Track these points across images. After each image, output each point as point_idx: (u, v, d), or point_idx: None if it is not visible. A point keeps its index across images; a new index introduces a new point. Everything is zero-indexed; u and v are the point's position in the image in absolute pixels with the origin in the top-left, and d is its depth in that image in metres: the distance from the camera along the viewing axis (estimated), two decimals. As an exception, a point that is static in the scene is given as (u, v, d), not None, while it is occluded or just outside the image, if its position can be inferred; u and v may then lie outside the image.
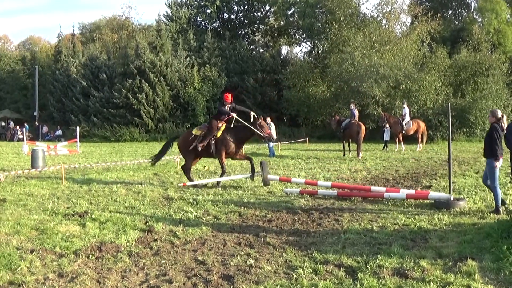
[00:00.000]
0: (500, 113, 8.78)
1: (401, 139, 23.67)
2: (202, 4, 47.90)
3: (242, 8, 49.32)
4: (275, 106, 40.39)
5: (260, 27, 50.85)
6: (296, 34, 48.70)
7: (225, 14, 50.06)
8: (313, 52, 46.25)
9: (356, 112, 22.12)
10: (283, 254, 6.41)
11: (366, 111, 31.00)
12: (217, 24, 50.31)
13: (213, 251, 6.64)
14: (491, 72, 32.66)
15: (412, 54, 32.99)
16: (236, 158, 13.56)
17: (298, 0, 43.33)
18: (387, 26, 37.02)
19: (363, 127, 21.18)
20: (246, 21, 50.01)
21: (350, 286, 5.20)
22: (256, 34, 51.37)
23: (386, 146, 24.40)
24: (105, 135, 39.55)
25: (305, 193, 11.04)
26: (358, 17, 38.18)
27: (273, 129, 22.65)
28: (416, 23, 36.37)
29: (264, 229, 7.87)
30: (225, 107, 12.90)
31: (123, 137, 39.03)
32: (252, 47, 48.80)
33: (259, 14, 50.05)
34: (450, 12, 46.96)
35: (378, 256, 6.10)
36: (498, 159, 8.52)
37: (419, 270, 5.60)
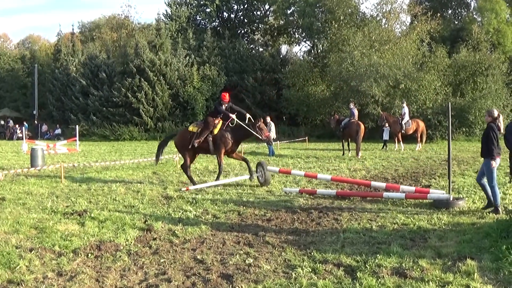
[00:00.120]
0: (497, 113, 8.79)
1: (401, 139, 23.66)
2: (202, 3, 47.82)
3: (242, 7, 49.29)
4: (275, 105, 40.37)
5: (260, 26, 50.82)
6: (296, 33, 48.67)
7: (225, 13, 50.01)
8: (313, 51, 46.22)
9: (356, 112, 22.12)
10: (282, 253, 6.42)
11: (366, 111, 31.02)
12: (217, 23, 50.26)
13: (212, 250, 6.64)
14: (491, 72, 32.64)
15: (412, 54, 33.00)
16: (233, 157, 13.55)
17: (298, -1, 43.35)
18: (387, 26, 37.00)
19: (363, 127, 21.17)
20: (246, 20, 49.99)
21: (349, 286, 5.20)
22: (256, 33, 51.35)
23: (386, 146, 24.41)
24: (105, 134, 39.50)
25: (305, 193, 11.04)
26: (358, 17, 38.20)
27: (273, 129, 22.73)
28: (416, 23, 36.37)
29: (263, 228, 7.87)
30: (222, 106, 12.90)
31: (123, 136, 39.01)
32: (252, 46, 48.78)
33: (259, 13, 50.03)
34: (450, 12, 46.93)
35: (377, 256, 6.10)
36: (495, 159, 8.53)
37: (418, 270, 5.60)
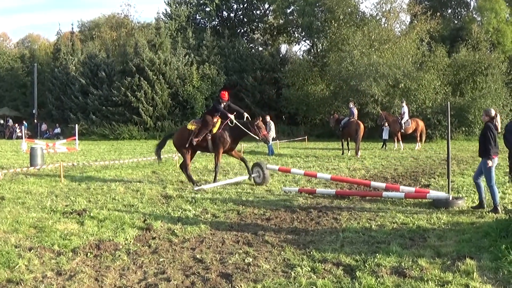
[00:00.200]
0: (494, 112, 8.79)
1: (400, 138, 23.66)
2: (201, 2, 47.86)
3: (241, 6, 49.34)
4: (274, 105, 40.37)
5: (259, 26, 50.88)
6: (295, 33, 48.72)
7: (224, 12, 50.07)
8: (312, 51, 46.23)
9: (355, 111, 22.12)
10: (282, 253, 6.41)
11: (365, 110, 31.03)
12: (216, 22, 50.29)
13: (212, 250, 6.64)
14: (490, 71, 32.64)
15: (411, 53, 33.01)
16: (232, 155, 13.57)
17: (297, -2, 43.33)
18: (386, 25, 37.04)
19: (362, 126, 21.15)
20: (245, 19, 50.03)
21: (349, 285, 5.19)
22: (255, 33, 51.39)
23: (385, 145, 24.41)
24: (104, 133, 39.52)
25: (304, 192, 11.03)
26: (357, 16, 38.21)
27: (272, 128, 22.71)
28: (416, 22, 36.39)
29: (263, 228, 7.87)
30: (221, 105, 12.89)
31: (122, 135, 39.02)
32: (251, 45, 48.82)
33: (258, 13, 50.09)
34: (450, 11, 46.98)
35: (377, 255, 6.10)
36: (491, 158, 8.52)
37: (418, 269, 5.60)
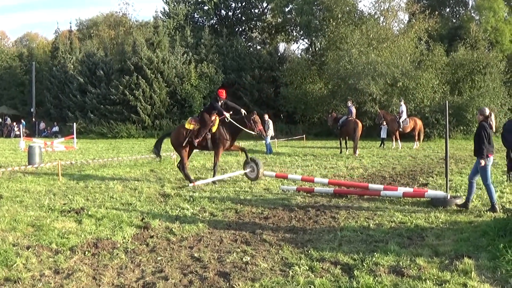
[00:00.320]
0: (488, 111, 8.80)
1: (398, 137, 23.67)
2: (200, 1, 47.84)
3: (240, 5, 49.29)
4: (272, 103, 40.37)
5: (258, 24, 50.86)
6: (294, 31, 48.69)
7: (223, 11, 50.03)
8: (311, 49, 46.25)
9: (353, 110, 22.10)
10: (280, 251, 6.41)
11: (363, 109, 31.03)
12: (215, 21, 50.26)
13: (209, 248, 6.64)
14: (488, 70, 32.64)
15: (410, 52, 33.02)
16: (231, 149, 13.80)
17: (296, -3, 43.30)
18: (385, 24, 37.06)
19: (360, 125, 21.16)
20: (244, 18, 49.99)
21: (346, 284, 5.19)
22: (254, 31, 51.36)
23: (383, 144, 24.43)
24: (102, 132, 39.49)
25: (302, 191, 11.03)
26: (356, 15, 38.22)
27: (271, 126, 22.71)
28: (414, 21, 36.39)
29: (261, 226, 7.87)
30: (218, 103, 12.92)
31: (120, 134, 39.00)
32: (250, 44, 48.76)
33: (257, 11, 50.08)
34: (448, 10, 46.99)
35: (375, 254, 6.10)
36: (486, 157, 8.52)
37: (416, 268, 5.60)
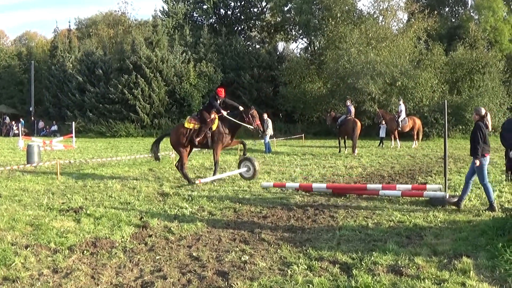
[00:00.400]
0: (484, 111, 8.83)
1: (397, 136, 23.69)
2: (199, 0, 47.78)
3: (239, 4, 49.26)
4: (271, 102, 40.37)
5: (257, 23, 50.82)
6: (293, 30, 48.67)
7: (222, 10, 50.00)
8: (309, 49, 46.24)
9: (352, 109, 22.10)
10: (278, 251, 6.41)
11: (362, 108, 31.03)
12: (214, 20, 50.20)
13: (208, 247, 6.63)
14: (487, 70, 32.67)
15: (409, 51, 33.06)
16: (231, 145, 13.91)
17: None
18: (384, 23, 37.02)
19: (359, 124, 21.17)
20: (243, 17, 49.96)
21: (345, 283, 5.19)
22: (253, 30, 51.33)
23: (382, 143, 24.43)
24: (101, 131, 39.51)
25: (301, 189, 11.01)
26: (355, 14, 38.20)
27: (270, 126, 22.72)
28: (413, 20, 36.35)
29: (259, 225, 7.86)
30: (217, 101, 12.98)
31: (119, 133, 39.01)
32: (248, 43, 48.74)
33: (256, 10, 50.04)
34: (447, 10, 47.01)
35: (373, 253, 6.10)
36: (481, 157, 8.54)
37: (414, 267, 5.60)
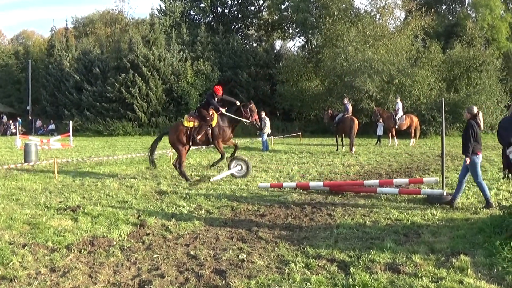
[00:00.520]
0: (476, 110, 8.87)
1: (394, 134, 23.69)
2: (196, -2, 47.78)
3: (236, 2, 49.14)
4: (269, 101, 40.33)
5: (254, 22, 50.74)
6: (290, 29, 48.60)
7: (219, 8, 49.88)
8: (307, 47, 46.17)
9: (350, 107, 22.08)
10: (276, 249, 6.41)
11: (360, 106, 30.99)
12: (211, 18, 50.12)
13: (206, 246, 6.63)
14: (485, 68, 32.67)
15: (406, 49, 33.02)
16: (227, 143, 13.82)
17: (292, -6, 43.21)
18: (381, 21, 36.98)
19: (356, 122, 21.15)
20: (240, 16, 49.87)
21: (343, 281, 5.19)
22: (250, 29, 51.26)
23: (379, 141, 24.43)
24: (98, 129, 39.45)
25: (299, 187, 11.01)
26: (352, 12, 38.14)
27: (268, 124, 22.72)
28: (410, 18, 36.32)
29: (257, 224, 7.86)
30: (215, 99, 13.05)
31: (116, 131, 38.96)
32: (246, 42, 48.71)
33: (253, 9, 49.95)
34: (444, 7, 46.95)
35: (371, 251, 6.11)
36: (470, 155, 8.56)
37: (412, 265, 5.60)
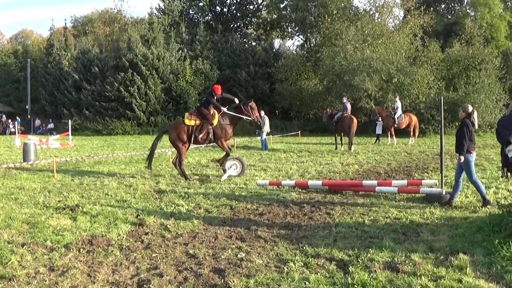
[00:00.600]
0: (471, 109, 8.90)
1: (393, 133, 23.70)
2: (195, -3, 47.74)
3: (235, 1, 49.12)
4: (268, 100, 40.27)
5: (253, 20, 50.72)
6: (289, 28, 48.59)
7: (218, 7, 49.84)
8: (306, 46, 46.20)
9: (349, 106, 22.09)
10: (274, 248, 6.41)
11: (358, 105, 31.03)
12: (210, 17, 50.09)
13: (204, 245, 6.63)
14: (484, 66, 32.69)
15: (405, 48, 33.03)
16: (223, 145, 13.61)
17: (291, -7, 43.21)
18: (380, 20, 37.02)
19: (355, 121, 21.16)
20: (239, 14, 49.85)
21: (341, 280, 5.19)
22: (249, 28, 51.24)
23: (378, 140, 24.44)
24: (97, 129, 39.38)
25: (297, 186, 11.01)
26: (351, 11, 38.18)
27: (267, 123, 22.74)
28: (409, 17, 36.38)
29: (256, 223, 7.86)
30: (214, 98, 13.05)
31: (115, 130, 38.89)
32: (245, 40, 48.66)
33: (252, 8, 49.91)
34: (443, 6, 46.96)
35: (370, 250, 6.10)
36: (464, 153, 8.57)
37: (411, 264, 5.60)
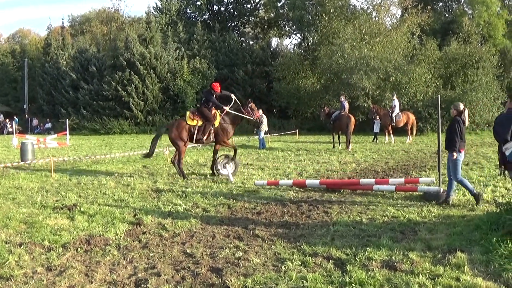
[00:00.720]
0: (462, 107, 8.94)
1: (391, 131, 23.70)
2: (192, -4, 47.70)
3: (232, 0, 49.13)
4: (265, 98, 40.28)
5: (250, 19, 50.74)
6: (286, 26, 48.61)
7: (215, 6, 49.79)
8: (303, 44, 46.19)
9: (346, 104, 22.07)
10: (272, 247, 6.41)
11: (356, 103, 31.02)
12: (207, 16, 50.05)
13: (202, 244, 6.62)
14: (481, 64, 32.72)
15: (402, 46, 33.04)
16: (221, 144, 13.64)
17: (288, -8, 43.19)
18: (377, 18, 37.02)
19: (353, 119, 21.17)
20: (236, 13, 49.82)
21: (339, 279, 5.19)
22: (246, 26, 51.26)
23: (376, 138, 24.45)
24: (95, 128, 39.31)
25: (295, 185, 11.00)
26: (348, 9, 38.19)
27: (265, 121, 22.73)
28: (406, 15, 36.36)
29: (253, 222, 7.86)
30: (213, 96, 13.05)
31: (113, 130, 38.84)
32: (242, 39, 48.59)
33: (249, 6, 49.90)
34: (441, 5, 46.97)
35: (367, 249, 6.11)
36: (456, 151, 8.60)
37: (408, 263, 5.61)
